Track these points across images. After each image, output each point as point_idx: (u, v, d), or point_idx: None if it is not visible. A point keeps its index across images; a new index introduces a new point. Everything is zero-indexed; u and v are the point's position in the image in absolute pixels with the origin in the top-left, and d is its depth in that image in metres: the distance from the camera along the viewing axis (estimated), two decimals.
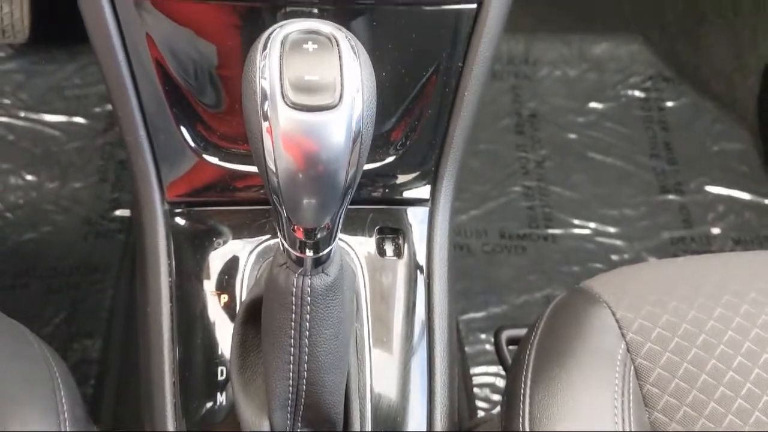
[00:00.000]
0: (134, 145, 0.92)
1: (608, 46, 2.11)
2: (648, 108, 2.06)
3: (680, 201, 1.91)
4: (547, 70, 2.09)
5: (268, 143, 0.66)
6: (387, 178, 1.00)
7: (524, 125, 2.03)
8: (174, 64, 0.89)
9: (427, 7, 0.88)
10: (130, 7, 0.85)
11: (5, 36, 1.68)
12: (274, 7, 0.85)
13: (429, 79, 0.93)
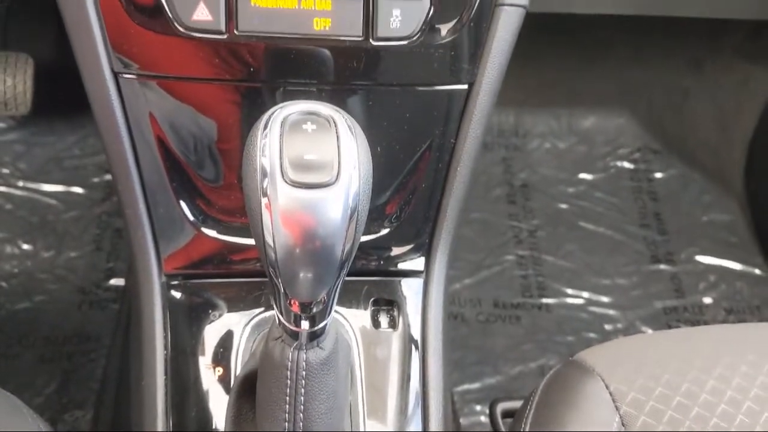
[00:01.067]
0: (133, 218, 0.94)
1: (596, 120, 2.16)
2: (637, 179, 2.10)
3: (672, 270, 1.93)
4: (537, 142, 2.14)
5: (267, 219, 0.68)
6: (382, 251, 1.02)
7: (516, 195, 2.07)
8: (175, 140, 0.91)
9: (421, 88, 0.91)
10: (133, 85, 0.88)
11: (8, 108, 1.72)
12: (274, 86, 0.89)
13: (423, 155, 0.96)
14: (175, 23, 0.82)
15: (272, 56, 0.86)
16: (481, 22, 0.87)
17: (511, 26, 0.89)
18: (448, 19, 0.86)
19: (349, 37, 0.85)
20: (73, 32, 0.85)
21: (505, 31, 0.89)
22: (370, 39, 0.85)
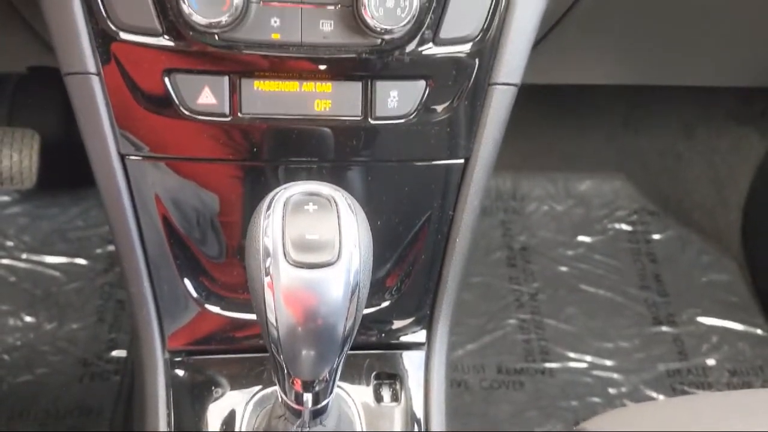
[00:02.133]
0: (138, 296, 0.95)
1: (592, 183, 2.19)
2: (635, 240, 2.11)
3: (674, 332, 1.93)
4: (535, 205, 2.17)
5: (270, 298, 0.69)
6: (383, 324, 1.03)
7: (516, 258, 2.08)
8: (180, 218, 0.93)
9: (418, 163, 0.94)
10: (139, 166, 0.90)
11: (13, 183, 1.75)
12: (276, 164, 0.91)
13: (422, 228, 0.98)
14: (180, 107, 0.85)
15: (274, 136, 0.89)
16: (476, 101, 0.90)
17: (504, 103, 0.92)
18: (443, 99, 0.89)
19: (348, 117, 0.88)
20: (81, 116, 0.88)
21: (498, 108, 0.92)
22: (369, 118, 0.88)
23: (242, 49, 0.84)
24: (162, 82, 0.84)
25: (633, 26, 1.28)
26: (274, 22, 0.83)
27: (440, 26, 0.86)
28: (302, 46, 0.84)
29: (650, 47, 1.40)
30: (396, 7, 0.81)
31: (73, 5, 0.81)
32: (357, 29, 0.84)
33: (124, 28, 0.82)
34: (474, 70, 0.89)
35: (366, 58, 0.86)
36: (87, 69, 0.84)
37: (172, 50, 0.83)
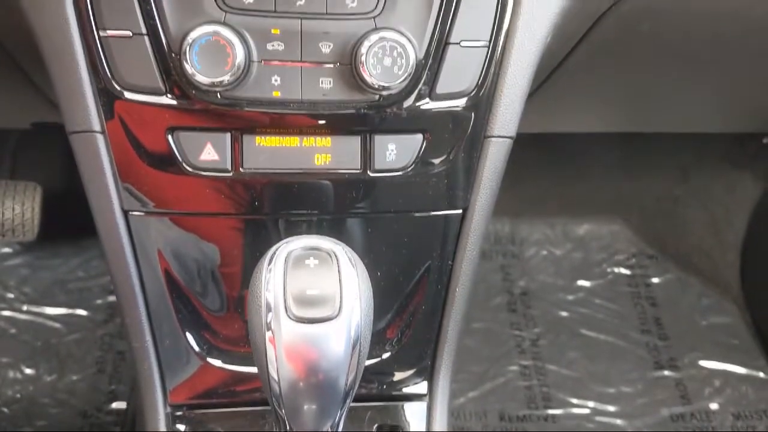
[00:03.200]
0: (140, 350, 0.96)
1: (590, 227, 2.21)
2: (635, 284, 2.12)
3: (676, 377, 1.92)
4: (534, 249, 2.18)
5: (271, 353, 0.70)
6: (384, 375, 1.03)
7: (516, 303, 2.08)
8: (182, 272, 0.94)
9: (417, 214, 0.95)
10: (142, 221, 0.91)
11: (15, 235, 1.76)
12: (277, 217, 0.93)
13: (421, 278, 0.99)
14: (183, 164, 0.87)
15: (275, 190, 0.90)
16: (472, 153, 0.92)
17: (500, 155, 0.94)
18: (440, 152, 0.91)
19: (348, 171, 0.90)
20: (86, 173, 0.89)
21: (494, 160, 0.94)
22: (368, 171, 0.90)
23: (244, 106, 0.86)
24: (165, 140, 0.86)
25: (624, 77, 1.31)
26: (274, 81, 0.85)
27: (436, 82, 0.88)
28: (302, 103, 0.87)
29: (642, 97, 1.43)
30: (393, 65, 0.84)
31: (79, 66, 0.84)
32: (355, 86, 0.86)
33: (129, 87, 0.84)
34: (470, 124, 0.91)
35: (364, 114, 0.88)
36: (92, 127, 0.86)
37: (175, 108, 0.85)
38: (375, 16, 0.85)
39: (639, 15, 1.01)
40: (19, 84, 1.21)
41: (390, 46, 0.84)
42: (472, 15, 0.87)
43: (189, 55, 0.81)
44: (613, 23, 1.01)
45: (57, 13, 0.82)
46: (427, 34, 0.87)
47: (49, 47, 0.84)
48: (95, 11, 0.82)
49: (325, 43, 0.85)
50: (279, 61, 0.85)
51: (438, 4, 0.86)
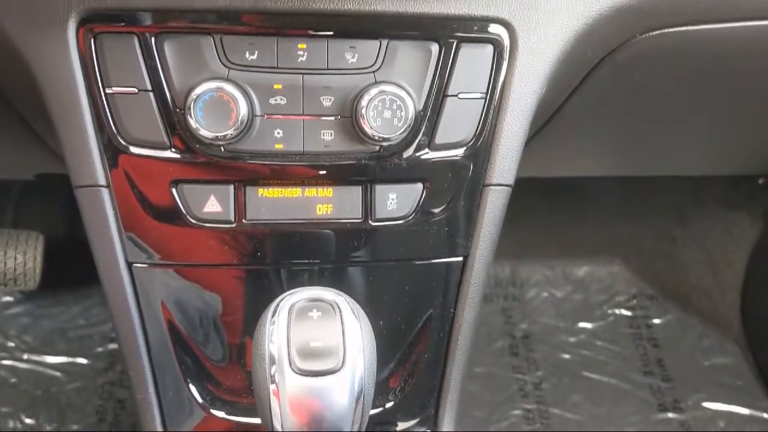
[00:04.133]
0: (143, 402, 0.96)
1: (589, 269, 2.22)
2: (636, 326, 2.12)
3: (680, 419, 1.91)
4: (535, 291, 2.18)
5: (275, 405, 0.71)
6: (387, 425, 1.03)
7: (518, 346, 2.08)
8: (185, 323, 0.95)
9: (418, 262, 0.96)
10: (146, 273, 0.92)
11: (17, 284, 1.77)
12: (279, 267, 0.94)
13: (423, 326, 0.99)
14: (187, 216, 0.88)
15: (278, 240, 0.92)
16: (471, 202, 0.94)
17: (499, 203, 0.95)
18: (440, 200, 0.93)
19: (349, 220, 0.91)
20: (90, 226, 0.90)
21: (494, 207, 0.95)
22: (370, 220, 0.91)
23: (247, 159, 0.88)
24: (169, 193, 0.88)
25: (620, 123, 1.33)
26: (277, 134, 0.87)
27: (435, 133, 0.90)
28: (304, 155, 0.88)
29: (637, 142, 1.46)
30: (393, 117, 0.86)
31: (85, 122, 0.85)
32: (356, 137, 0.88)
33: (134, 142, 0.86)
34: (469, 173, 0.93)
35: (365, 164, 0.90)
36: (97, 182, 0.87)
37: (179, 162, 0.87)
38: (374, 71, 0.87)
39: (633, 64, 1.04)
40: (22, 135, 1.23)
41: (390, 99, 0.86)
42: (468, 68, 0.89)
43: (193, 111, 0.83)
44: (607, 72, 1.03)
45: (64, 71, 0.84)
46: (425, 87, 0.89)
47: (55, 104, 0.86)
48: (102, 69, 0.84)
49: (326, 96, 0.87)
50: (281, 115, 0.87)
51: (435, 58, 0.88)
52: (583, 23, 0.90)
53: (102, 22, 0.83)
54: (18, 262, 1.75)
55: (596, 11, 0.90)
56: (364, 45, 0.87)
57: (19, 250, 1.74)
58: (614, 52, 0.99)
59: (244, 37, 0.85)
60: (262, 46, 0.85)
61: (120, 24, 0.83)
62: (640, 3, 0.91)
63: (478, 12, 0.87)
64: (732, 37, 1.00)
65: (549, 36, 0.90)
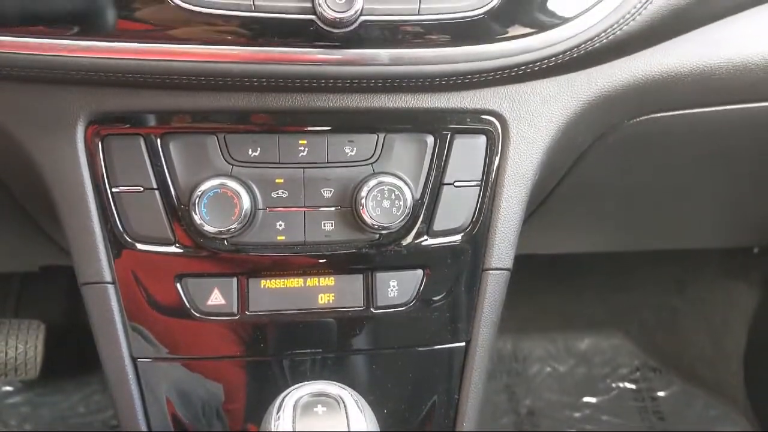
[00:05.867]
0: None
1: (591, 342, 2.21)
2: (641, 399, 2.10)
3: None
4: (538, 366, 2.17)
5: None
6: None
7: (523, 423, 2.05)
8: (188, 414, 0.95)
9: (420, 348, 0.97)
10: (151, 367, 0.93)
11: (17, 374, 1.76)
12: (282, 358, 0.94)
13: (428, 413, 0.99)
14: (191, 310, 0.90)
15: (280, 331, 0.93)
16: (471, 286, 0.95)
17: (498, 287, 0.97)
18: (440, 286, 0.94)
19: (351, 308, 0.93)
20: (96, 322, 0.92)
21: (493, 291, 0.97)
22: (371, 308, 0.93)
23: (249, 251, 0.90)
24: (174, 287, 0.89)
25: (612, 202, 1.36)
26: (279, 226, 0.89)
27: (433, 220, 0.93)
28: (306, 245, 0.90)
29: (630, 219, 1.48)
30: (391, 206, 0.88)
31: (92, 221, 0.88)
32: (356, 227, 0.90)
33: (139, 239, 0.88)
34: (467, 258, 0.95)
35: (366, 253, 0.92)
36: (103, 279, 0.89)
37: (183, 256, 0.89)
38: (373, 162, 0.90)
39: (623, 147, 1.07)
40: (26, 228, 1.25)
41: (388, 189, 0.88)
42: (463, 158, 0.92)
43: (198, 207, 0.85)
44: (598, 156, 1.06)
45: (72, 172, 0.87)
46: (422, 177, 0.92)
47: (63, 202, 0.89)
48: (108, 169, 0.87)
49: (326, 188, 0.90)
50: (283, 208, 0.89)
51: (431, 149, 0.91)
52: (572, 111, 0.94)
53: (109, 124, 0.86)
54: (19, 351, 1.75)
55: (584, 99, 0.94)
56: (362, 138, 0.90)
57: (20, 339, 1.74)
58: (604, 137, 1.03)
59: (246, 135, 0.88)
60: (264, 143, 0.88)
61: (126, 126, 0.86)
62: (627, 91, 0.94)
63: (470, 105, 0.91)
64: (718, 120, 1.04)
65: (539, 125, 0.93)
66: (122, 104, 0.85)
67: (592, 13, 0.84)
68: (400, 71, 0.83)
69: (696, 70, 0.95)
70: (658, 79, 0.94)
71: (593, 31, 0.84)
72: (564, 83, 0.92)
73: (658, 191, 1.32)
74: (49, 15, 0.77)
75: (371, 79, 0.83)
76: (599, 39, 0.85)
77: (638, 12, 0.84)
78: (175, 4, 0.76)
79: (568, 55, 0.85)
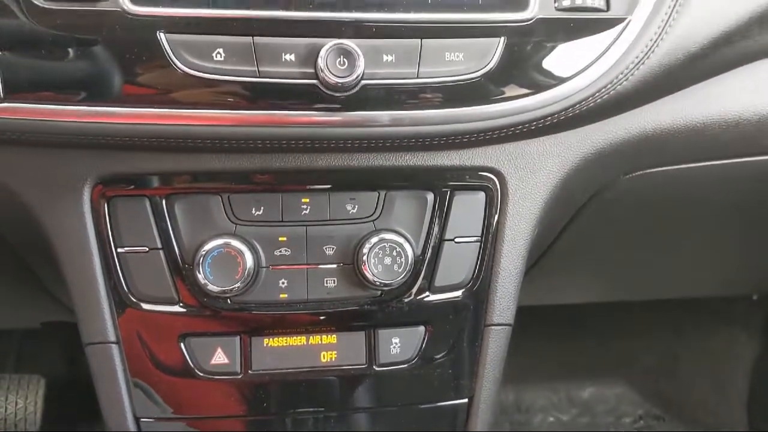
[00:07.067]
0: None
1: (594, 390, 2.19)
2: None
3: None
4: (541, 416, 2.15)
5: None
6: None
7: None
8: None
9: (423, 405, 0.97)
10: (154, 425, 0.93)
11: (17, 428, 1.74)
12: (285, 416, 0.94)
13: None
14: (195, 369, 0.90)
15: (283, 390, 0.93)
16: (473, 342, 0.96)
17: (500, 342, 0.97)
18: (442, 343, 0.95)
19: (353, 366, 0.93)
20: (99, 381, 0.92)
21: (495, 347, 0.97)
22: (374, 366, 0.93)
23: (252, 310, 0.90)
24: (178, 347, 0.90)
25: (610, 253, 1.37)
26: (282, 283, 0.90)
27: (434, 276, 0.94)
28: (308, 303, 0.91)
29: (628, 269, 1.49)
30: (393, 263, 0.89)
31: (97, 282, 0.88)
32: (358, 284, 0.91)
33: (144, 298, 0.89)
34: (469, 314, 0.95)
35: (368, 309, 0.92)
36: (108, 338, 0.89)
37: (187, 316, 0.89)
38: (374, 220, 0.92)
39: (620, 201, 1.09)
40: (28, 285, 1.26)
41: (389, 246, 0.90)
42: (463, 214, 0.94)
43: (202, 267, 0.86)
44: (595, 210, 1.08)
45: (78, 232, 0.88)
46: (423, 233, 0.93)
47: (68, 263, 0.89)
48: (114, 230, 0.88)
49: (328, 245, 0.91)
50: (286, 265, 0.90)
51: (431, 206, 0.93)
52: (569, 168, 0.95)
53: (115, 186, 0.88)
54: (19, 407, 1.73)
55: (580, 156, 0.96)
56: (364, 196, 0.92)
57: (20, 395, 1.73)
58: (600, 192, 1.04)
59: (250, 195, 0.89)
60: (267, 202, 0.90)
61: (132, 187, 0.88)
62: (622, 147, 0.96)
63: (469, 163, 0.92)
64: (713, 174, 1.06)
65: (537, 181, 0.95)
66: (128, 166, 0.87)
67: (587, 74, 0.86)
68: (401, 132, 0.85)
69: (689, 126, 0.97)
70: (652, 135, 0.96)
71: (588, 92, 0.86)
72: (560, 140, 0.94)
73: (656, 243, 1.33)
74: (58, 81, 0.79)
75: (372, 139, 0.85)
76: (594, 99, 0.87)
77: (631, 72, 0.86)
78: (181, 70, 0.78)
79: (563, 114, 0.87)
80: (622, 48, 0.86)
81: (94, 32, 0.76)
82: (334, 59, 0.77)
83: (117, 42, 0.77)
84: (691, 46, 0.88)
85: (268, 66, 0.78)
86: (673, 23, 0.87)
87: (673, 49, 0.87)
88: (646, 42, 0.86)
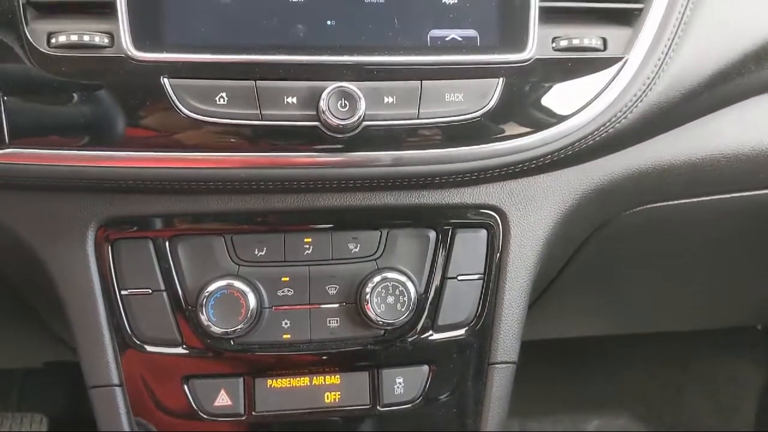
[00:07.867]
0: None
1: (599, 422, 2.17)
2: None
3: None
4: None
5: None
6: None
7: None
8: None
9: None
10: None
11: None
12: None
13: None
14: (199, 411, 0.89)
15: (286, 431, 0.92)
16: (478, 381, 0.96)
17: (505, 380, 0.97)
18: (446, 382, 0.95)
19: (357, 407, 0.93)
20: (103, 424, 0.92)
21: (500, 386, 0.97)
22: (377, 406, 0.93)
23: (256, 350, 0.90)
24: (181, 389, 0.89)
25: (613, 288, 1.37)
26: (285, 324, 0.90)
27: (437, 315, 0.94)
28: (311, 343, 0.91)
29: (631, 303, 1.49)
30: (396, 302, 0.89)
31: (101, 324, 0.89)
32: (361, 323, 0.91)
33: (147, 340, 0.89)
34: (473, 352, 0.95)
35: (371, 349, 0.92)
36: (111, 381, 0.89)
37: (190, 357, 0.89)
38: (376, 258, 0.92)
39: (621, 237, 1.09)
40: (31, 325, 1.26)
41: (392, 285, 0.90)
42: (465, 252, 0.94)
43: (205, 308, 0.86)
44: (597, 246, 1.08)
45: (82, 275, 0.88)
46: (425, 272, 0.93)
47: (71, 305, 0.90)
48: (118, 273, 0.88)
49: (331, 285, 0.91)
50: (289, 306, 0.90)
51: (433, 244, 0.93)
52: (570, 204, 0.96)
53: (118, 228, 0.88)
54: None
55: (581, 193, 0.96)
56: (366, 235, 0.92)
57: None
58: (602, 228, 1.05)
59: (252, 235, 0.90)
60: (270, 243, 0.90)
61: (135, 229, 0.88)
62: (622, 184, 0.97)
63: (470, 201, 0.93)
64: (713, 208, 1.06)
65: (538, 218, 0.95)
66: (132, 209, 0.87)
67: (586, 113, 0.87)
68: (402, 171, 0.85)
69: (689, 162, 0.98)
70: (652, 171, 0.97)
71: (587, 129, 0.87)
72: (561, 177, 0.95)
73: (659, 276, 1.33)
74: (63, 126, 0.80)
75: (374, 179, 0.86)
76: (593, 136, 0.88)
77: (629, 110, 0.87)
78: (185, 114, 0.78)
79: (563, 152, 0.88)
80: (620, 86, 0.87)
81: (98, 78, 0.77)
82: (336, 101, 0.78)
83: (121, 87, 0.78)
84: (688, 84, 0.89)
85: (271, 109, 0.79)
86: (670, 61, 0.88)
87: (671, 87, 0.88)
88: (643, 80, 0.87)
